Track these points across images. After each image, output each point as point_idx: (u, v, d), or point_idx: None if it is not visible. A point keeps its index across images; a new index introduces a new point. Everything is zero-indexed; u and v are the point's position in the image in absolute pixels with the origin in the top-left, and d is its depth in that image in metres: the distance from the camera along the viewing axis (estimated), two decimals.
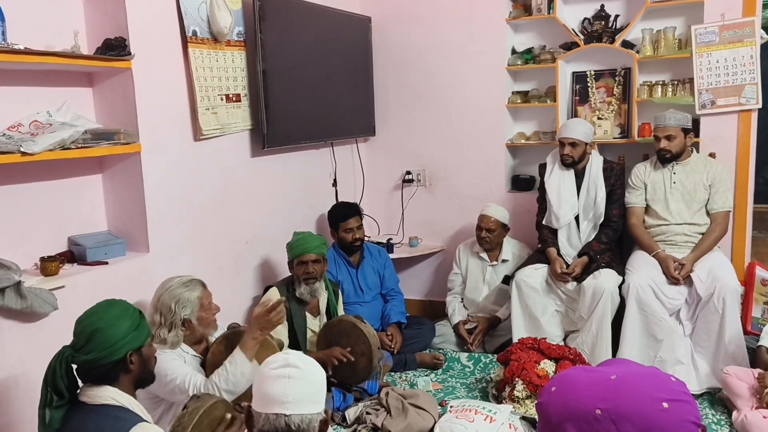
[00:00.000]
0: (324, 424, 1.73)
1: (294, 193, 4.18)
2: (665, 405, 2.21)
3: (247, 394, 2.75)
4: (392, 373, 3.89)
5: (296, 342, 3.54)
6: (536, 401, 2.61)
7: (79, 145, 2.67)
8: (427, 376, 3.88)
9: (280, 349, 2.91)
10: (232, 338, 2.81)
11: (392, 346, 3.90)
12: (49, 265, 2.62)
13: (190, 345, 2.79)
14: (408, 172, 4.88)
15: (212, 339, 2.92)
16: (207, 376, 2.73)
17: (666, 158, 3.69)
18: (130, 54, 2.84)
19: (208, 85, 3.33)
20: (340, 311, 3.83)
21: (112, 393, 1.92)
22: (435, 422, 3.12)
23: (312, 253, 3.54)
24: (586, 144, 3.84)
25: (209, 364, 2.76)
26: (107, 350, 1.89)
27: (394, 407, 3.16)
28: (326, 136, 4.38)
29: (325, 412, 1.74)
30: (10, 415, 2.43)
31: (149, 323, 2.69)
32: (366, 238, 4.27)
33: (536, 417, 3.13)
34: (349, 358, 3.34)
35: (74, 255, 2.87)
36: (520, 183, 4.63)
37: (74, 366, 1.93)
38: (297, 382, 1.66)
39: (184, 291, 2.69)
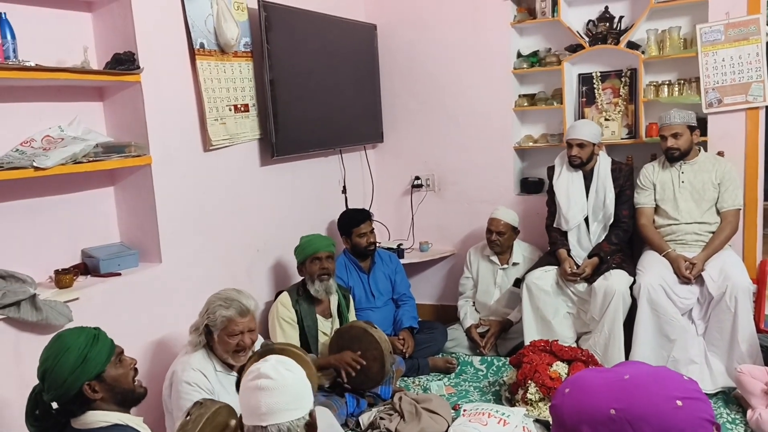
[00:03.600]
0: (310, 426, 1.72)
1: (304, 200, 4.21)
2: (679, 403, 2.24)
3: None
4: (405, 378, 3.90)
5: (308, 345, 3.56)
6: (550, 403, 2.62)
7: (91, 159, 2.70)
8: (440, 380, 3.89)
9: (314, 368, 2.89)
10: (266, 356, 2.79)
11: (405, 351, 3.91)
12: (63, 278, 2.66)
13: (224, 364, 2.74)
14: (417, 177, 4.90)
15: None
16: None
17: (674, 157, 3.68)
18: (139, 68, 2.88)
19: (217, 96, 3.36)
20: (352, 316, 3.85)
21: (100, 416, 1.90)
22: (448, 426, 3.13)
23: (324, 251, 3.59)
24: (594, 145, 3.85)
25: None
26: (60, 389, 1.85)
27: (408, 412, 3.17)
28: (334, 144, 4.41)
29: (311, 414, 1.73)
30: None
31: None
32: (377, 244, 4.29)
33: (550, 419, 3.15)
34: (361, 362, 3.35)
35: (88, 267, 2.90)
36: (528, 186, 4.64)
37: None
38: (270, 393, 1.65)
39: (219, 305, 2.67)
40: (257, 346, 2.89)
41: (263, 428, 1.64)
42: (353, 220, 4.11)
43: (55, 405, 1.93)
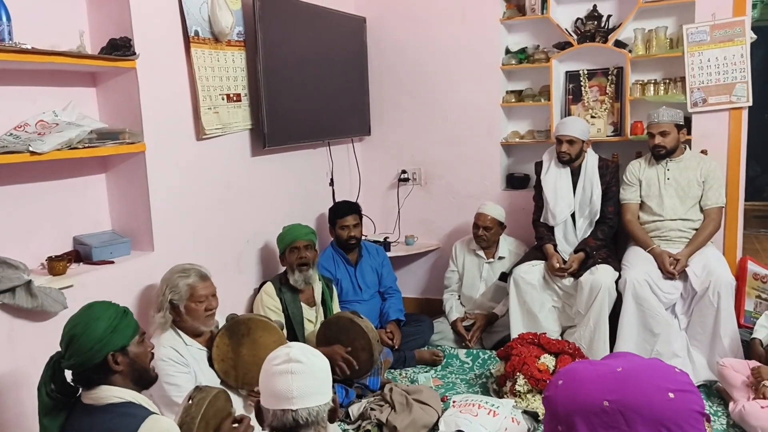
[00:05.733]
0: (333, 412, 1.77)
1: (293, 192, 4.21)
2: (671, 395, 2.28)
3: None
4: (392, 370, 3.92)
5: (293, 333, 3.57)
6: (543, 395, 2.66)
7: (86, 145, 2.67)
8: (427, 372, 3.92)
9: (282, 330, 2.98)
10: (234, 329, 2.88)
11: (392, 343, 3.93)
12: (56, 265, 2.62)
13: (192, 337, 2.83)
14: (404, 171, 4.91)
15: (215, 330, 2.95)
16: (216, 368, 2.81)
17: (660, 154, 3.75)
18: (135, 54, 2.84)
19: (210, 84, 3.34)
20: (335, 306, 3.87)
21: (114, 391, 1.92)
22: (439, 417, 3.15)
23: (302, 240, 3.62)
24: (583, 142, 3.90)
25: (216, 357, 2.84)
26: (85, 354, 1.88)
27: (399, 403, 3.19)
28: (323, 136, 4.40)
29: (333, 400, 1.77)
30: (24, 415, 2.42)
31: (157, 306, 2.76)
32: (363, 237, 4.30)
33: (538, 411, 3.20)
34: (352, 361, 3.36)
35: (80, 254, 2.87)
36: (514, 181, 4.68)
37: (69, 372, 1.96)
38: (301, 376, 1.68)
39: (178, 276, 2.78)
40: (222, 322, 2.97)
41: (294, 411, 1.66)
42: (339, 212, 4.13)
43: (69, 376, 1.96)
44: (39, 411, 1.94)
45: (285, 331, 3.13)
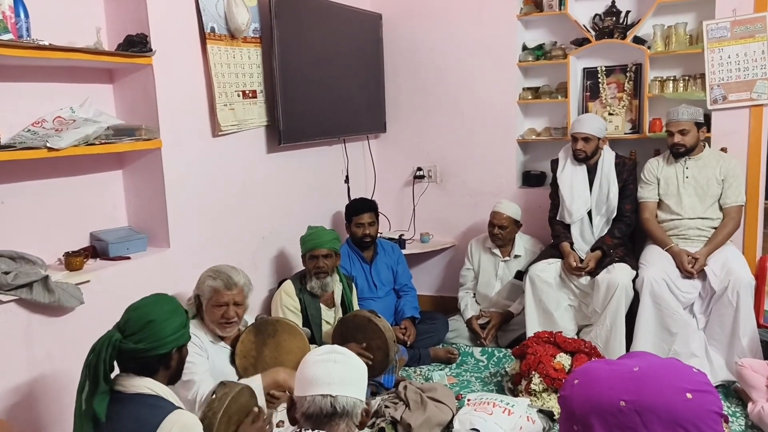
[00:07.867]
0: (366, 414, 1.80)
1: (308, 189, 4.21)
2: (689, 396, 2.24)
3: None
4: (407, 368, 3.92)
5: (311, 334, 3.56)
6: (559, 394, 2.63)
7: (103, 141, 2.69)
8: (441, 370, 3.91)
9: (308, 338, 2.98)
10: (261, 328, 2.88)
11: (406, 339, 3.92)
12: (74, 260, 2.64)
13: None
14: (419, 168, 4.90)
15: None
16: (237, 363, 2.80)
17: (680, 153, 3.71)
18: (151, 50, 2.86)
19: (226, 81, 3.35)
20: (355, 305, 3.85)
21: (149, 383, 1.96)
22: (453, 415, 3.14)
23: (323, 248, 3.57)
24: (599, 139, 3.87)
25: (238, 352, 2.83)
26: (157, 343, 1.93)
27: (413, 400, 3.17)
28: (338, 133, 4.40)
29: (367, 404, 1.80)
30: (39, 410, 2.45)
31: None
32: (378, 235, 4.29)
33: (553, 410, 3.18)
34: (367, 356, 3.36)
35: (96, 250, 2.88)
36: (531, 179, 4.65)
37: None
38: (342, 366, 1.75)
39: (208, 275, 2.78)
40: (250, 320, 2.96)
41: (333, 397, 1.70)
42: (355, 208, 4.11)
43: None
44: (89, 392, 1.88)
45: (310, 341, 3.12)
